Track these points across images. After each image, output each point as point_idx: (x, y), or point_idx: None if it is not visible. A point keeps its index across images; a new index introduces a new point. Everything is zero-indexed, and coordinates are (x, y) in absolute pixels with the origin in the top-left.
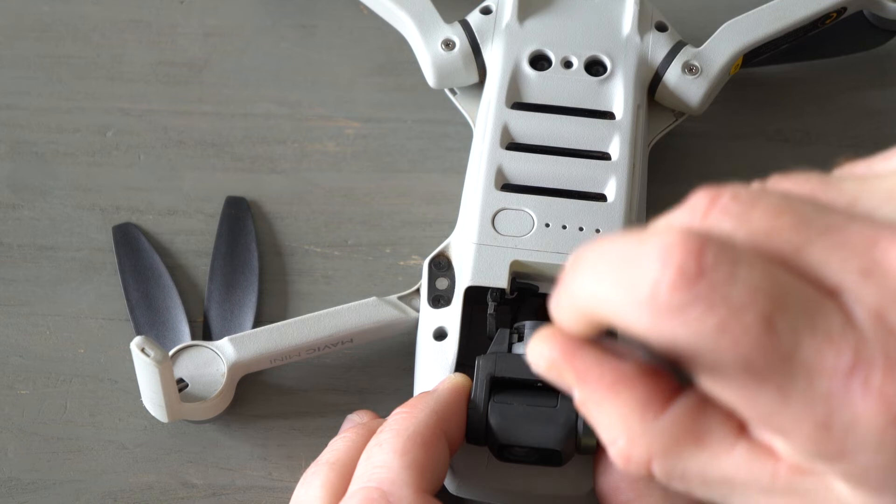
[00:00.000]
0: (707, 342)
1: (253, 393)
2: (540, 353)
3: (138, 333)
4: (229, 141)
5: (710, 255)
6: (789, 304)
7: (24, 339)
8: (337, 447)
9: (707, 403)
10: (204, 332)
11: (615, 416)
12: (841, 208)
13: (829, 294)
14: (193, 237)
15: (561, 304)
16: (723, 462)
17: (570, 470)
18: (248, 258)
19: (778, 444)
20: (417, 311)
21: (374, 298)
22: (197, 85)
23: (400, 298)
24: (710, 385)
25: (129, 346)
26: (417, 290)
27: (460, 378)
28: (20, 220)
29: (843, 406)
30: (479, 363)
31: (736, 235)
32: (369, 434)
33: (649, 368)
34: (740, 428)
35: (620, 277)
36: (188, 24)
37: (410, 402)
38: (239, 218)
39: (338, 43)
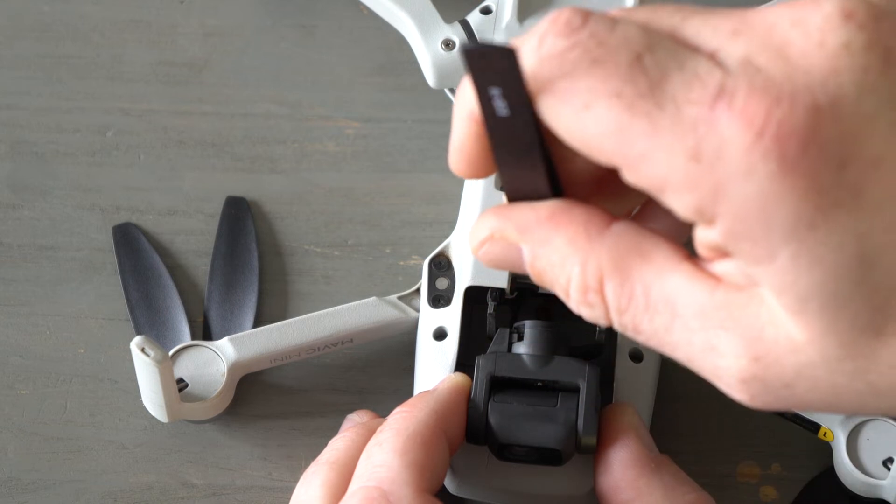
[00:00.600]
0: (582, 77)
1: (253, 393)
2: (480, 231)
3: (138, 333)
4: (229, 141)
5: (593, 17)
6: (659, 49)
7: (24, 339)
8: (337, 447)
9: (646, 227)
10: (204, 332)
11: (564, 244)
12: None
13: (703, 54)
14: (193, 237)
15: (456, 103)
16: (667, 279)
17: (570, 470)
18: (248, 258)
19: (670, 202)
20: (417, 310)
21: (373, 298)
22: (197, 85)
23: (400, 298)
24: (591, 140)
25: (129, 346)
26: (417, 290)
27: (460, 377)
28: (20, 220)
29: (710, 132)
30: (479, 363)
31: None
32: (369, 434)
33: (576, 202)
34: (685, 254)
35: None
36: (188, 24)
37: (410, 401)
38: (239, 218)
39: (338, 43)
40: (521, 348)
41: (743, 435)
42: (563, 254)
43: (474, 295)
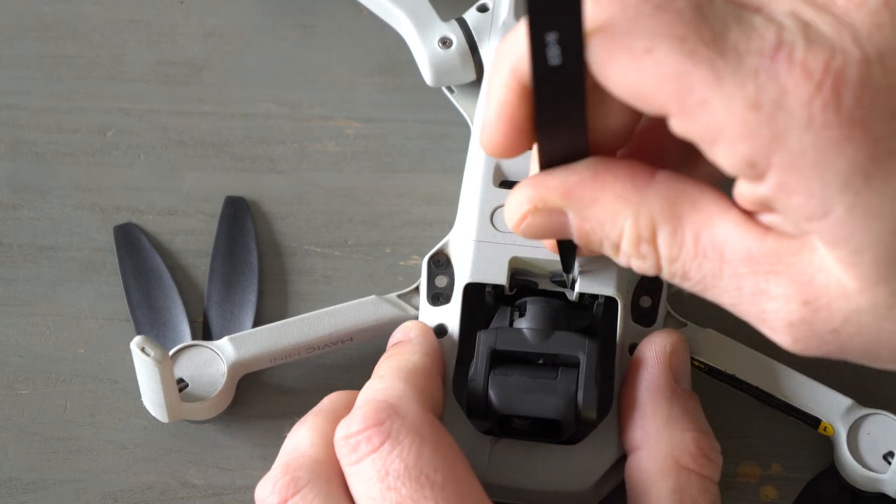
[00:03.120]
0: (645, 21)
1: (253, 393)
2: (519, 206)
3: (139, 333)
4: (229, 141)
5: None
6: (718, 2)
7: (24, 339)
8: (322, 404)
9: (688, 177)
10: (204, 332)
11: (613, 199)
12: None
13: (752, 9)
14: (193, 237)
15: (494, 69)
16: (716, 226)
17: (572, 465)
18: (248, 258)
19: (720, 155)
20: (417, 309)
21: (373, 297)
22: (197, 85)
23: (399, 297)
24: (647, 87)
25: (129, 345)
26: (417, 289)
27: (420, 322)
28: (20, 220)
29: (771, 82)
30: (480, 337)
31: None
32: (354, 394)
33: (613, 157)
34: (731, 202)
35: None
36: (188, 24)
37: (395, 349)
38: (238, 218)
39: (338, 43)
40: (522, 323)
41: (743, 435)
42: (613, 209)
43: (474, 292)
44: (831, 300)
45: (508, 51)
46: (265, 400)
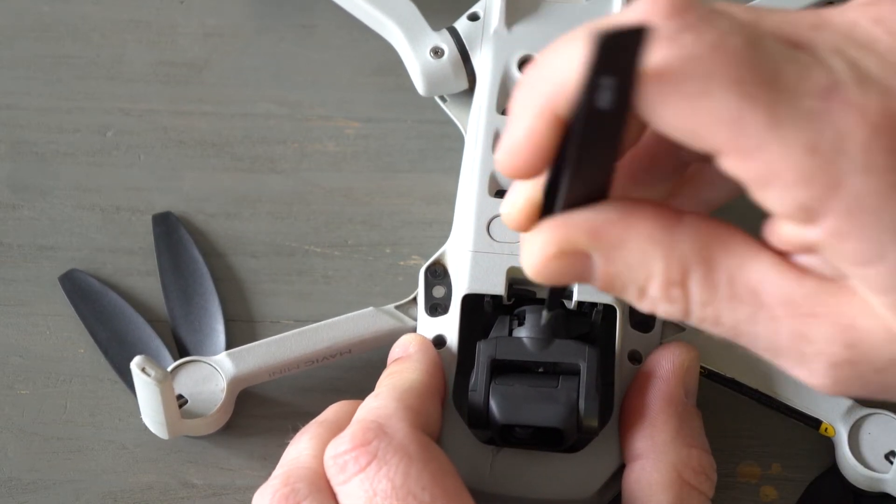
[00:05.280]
0: (701, 62)
1: (253, 393)
2: (543, 248)
3: (119, 373)
4: (229, 141)
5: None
6: (767, 40)
7: (24, 339)
8: (325, 415)
9: (716, 219)
10: (179, 349)
11: (642, 241)
12: None
13: (795, 46)
14: (192, 237)
15: (525, 95)
16: (751, 268)
17: (574, 473)
18: (196, 266)
19: (772, 198)
20: (415, 319)
21: (371, 309)
22: (197, 85)
23: (397, 307)
24: (701, 127)
25: None
26: (414, 299)
27: (420, 337)
28: (20, 220)
29: (828, 124)
30: (480, 347)
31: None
32: (357, 404)
33: (637, 200)
34: (763, 243)
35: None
36: (188, 24)
37: (395, 366)
38: (170, 233)
39: (338, 43)
40: (521, 332)
41: (743, 435)
42: (642, 252)
43: (472, 302)
44: (876, 343)
45: (544, 81)
46: (265, 400)
